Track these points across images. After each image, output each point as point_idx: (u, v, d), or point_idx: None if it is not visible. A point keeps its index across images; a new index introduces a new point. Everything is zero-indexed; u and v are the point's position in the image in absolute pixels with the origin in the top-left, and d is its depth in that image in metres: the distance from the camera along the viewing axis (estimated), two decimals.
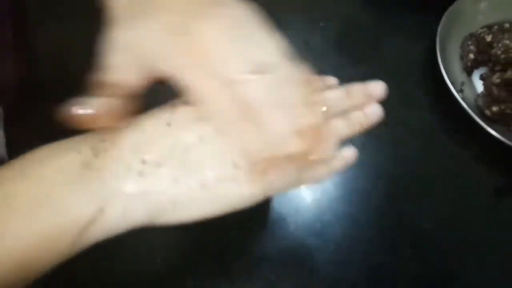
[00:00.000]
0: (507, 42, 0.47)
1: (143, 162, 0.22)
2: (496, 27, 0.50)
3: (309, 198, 0.41)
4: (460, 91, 0.47)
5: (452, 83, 0.44)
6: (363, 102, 0.27)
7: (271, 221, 0.40)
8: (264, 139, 0.22)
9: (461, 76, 0.49)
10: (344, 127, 0.26)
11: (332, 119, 0.25)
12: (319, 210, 0.41)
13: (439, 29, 0.48)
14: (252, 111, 0.21)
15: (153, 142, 0.22)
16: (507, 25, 0.50)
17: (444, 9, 0.49)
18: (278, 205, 0.41)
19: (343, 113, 0.26)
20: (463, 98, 0.44)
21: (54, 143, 0.23)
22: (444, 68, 0.45)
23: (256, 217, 0.40)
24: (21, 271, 0.20)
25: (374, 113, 0.26)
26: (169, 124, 0.23)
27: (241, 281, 0.37)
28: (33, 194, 0.20)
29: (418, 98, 0.48)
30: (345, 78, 0.49)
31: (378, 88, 0.27)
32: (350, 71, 0.49)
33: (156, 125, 0.23)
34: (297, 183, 0.25)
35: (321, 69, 0.49)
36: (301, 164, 0.23)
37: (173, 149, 0.22)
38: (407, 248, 0.40)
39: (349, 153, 0.26)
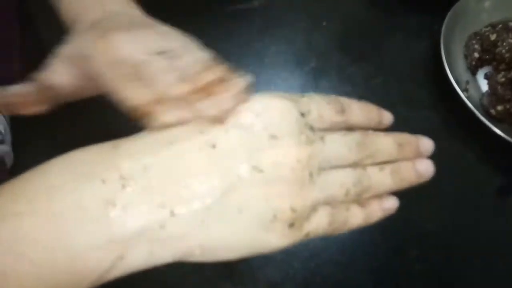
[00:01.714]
0: None
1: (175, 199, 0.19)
2: (500, 25, 0.49)
3: None
4: (464, 90, 0.46)
5: (457, 82, 0.44)
6: (413, 156, 0.25)
7: None
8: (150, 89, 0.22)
9: (465, 75, 0.48)
10: (390, 182, 0.24)
11: (376, 168, 0.23)
12: None
13: (443, 27, 0.47)
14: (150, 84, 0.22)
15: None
16: (511, 23, 0.49)
17: (447, 7, 0.49)
18: None
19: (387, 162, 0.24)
20: (467, 97, 0.44)
21: (73, 157, 0.20)
22: (449, 67, 0.45)
23: None
24: None
25: (427, 170, 0.25)
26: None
27: (245, 282, 0.37)
28: (44, 236, 0.17)
29: (422, 98, 0.48)
30: (348, 77, 0.50)
31: (428, 145, 0.25)
32: (353, 70, 0.49)
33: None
34: (331, 233, 0.23)
35: (324, 68, 0.49)
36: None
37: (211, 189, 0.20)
38: (411, 249, 0.39)
39: (390, 205, 0.24)
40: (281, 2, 0.53)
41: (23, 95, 0.26)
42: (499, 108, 0.44)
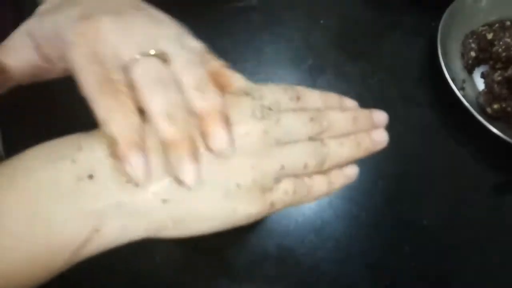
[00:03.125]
0: (508, 40, 0.47)
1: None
2: (497, 25, 0.50)
3: None
4: (461, 88, 0.47)
5: (453, 81, 0.44)
6: (368, 128, 0.26)
7: (271, 218, 0.40)
8: (131, 121, 0.20)
9: (462, 74, 0.48)
10: (347, 150, 0.25)
11: (331, 140, 0.24)
12: (319, 207, 0.41)
13: (440, 26, 0.48)
14: (135, 92, 0.20)
15: None
16: (508, 23, 0.50)
17: (444, 6, 0.49)
18: None
19: (346, 135, 0.25)
20: (464, 96, 0.44)
21: (47, 144, 0.21)
22: (445, 65, 0.45)
23: None
24: None
25: (381, 139, 0.26)
26: None
27: (241, 278, 0.37)
28: (23, 211, 0.19)
29: (418, 96, 0.48)
30: (345, 75, 0.50)
31: (382, 117, 0.27)
32: (350, 68, 0.49)
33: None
34: (297, 202, 0.24)
35: (321, 66, 0.49)
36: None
37: None
38: (406, 246, 0.40)
39: (351, 171, 0.26)
40: (279, 0, 0.53)
41: None
42: (495, 106, 0.45)
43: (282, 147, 0.22)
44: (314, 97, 0.25)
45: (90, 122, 0.22)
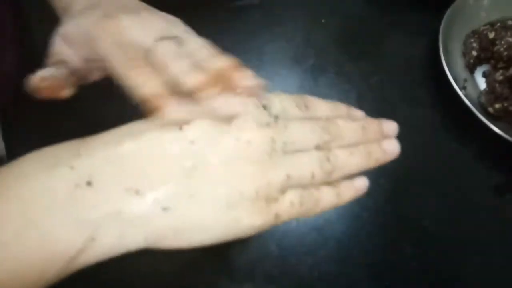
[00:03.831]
0: (510, 39, 0.47)
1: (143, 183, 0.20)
2: (499, 24, 0.49)
3: None
4: (463, 88, 0.46)
5: (455, 80, 0.44)
6: (378, 138, 0.26)
7: None
8: (164, 79, 0.22)
9: (463, 73, 0.48)
10: (356, 161, 0.24)
11: (339, 149, 0.24)
12: None
13: (441, 25, 0.47)
14: (161, 69, 0.23)
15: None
16: (510, 22, 0.50)
17: (445, 6, 0.49)
18: None
19: (355, 145, 0.25)
20: (465, 95, 0.44)
21: (45, 150, 0.21)
22: (447, 65, 0.45)
23: None
24: None
25: (393, 149, 0.26)
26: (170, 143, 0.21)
27: (242, 277, 0.37)
28: (17, 219, 0.18)
29: (420, 95, 0.48)
30: (346, 74, 0.50)
31: (392, 126, 0.27)
32: (351, 68, 0.49)
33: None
34: (304, 215, 0.23)
35: (322, 65, 0.49)
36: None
37: (177, 171, 0.20)
38: (408, 246, 0.40)
39: (361, 183, 0.25)
40: None
41: (58, 78, 0.26)
42: (497, 106, 0.45)
43: (288, 156, 0.22)
44: (322, 106, 0.25)
45: (93, 122, 0.22)
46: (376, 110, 0.45)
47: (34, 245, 0.18)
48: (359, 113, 0.27)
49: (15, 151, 0.21)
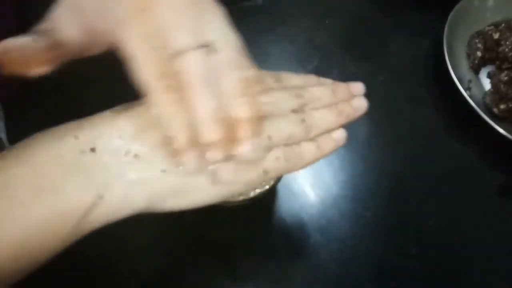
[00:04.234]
0: None
1: (143, 146, 0.22)
2: (503, 24, 0.49)
3: (313, 195, 0.41)
4: (467, 89, 0.46)
5: (459, 81, 0.44)
6: (347, 98, 0.28)
7: (276, 217, 0.40)
8: (185, 121, 0.21)
9: (468, 74, 0.48)
10: (330, 118, 0.26)
11: (313, 110, 0.26)
12: (324, 207, 0.41)
13: (446, 26, 0.47)
14: (183, 86, 0.21)
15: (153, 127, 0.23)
16: None
17: (450, 6, 0.49)
18: (283, 202, 0.41)
19: (328, 105, 0.27)
20: (470, 96, 0.44)
21: (49, 130, 0.22)
22: (451, 65, 0.45)
23: (261, 214, 0.40)
24: (22, 259, 0.20)
25: (361, 105, 0.27)
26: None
27: (246, 277, 0.37)
28: (31, 182, 0.20)
29: (424, 96, 0.48)
30: (350, 75, 0.50)
31: (359, 87, 0.28)
32: (355, 68, 0.49)
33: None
34: (291, 169, 0.25)
35: (326, 66, 0.49)
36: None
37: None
38: (411, 246, 0.40)
39: (339, 135, 0.27)
40: (285, 0, 0.53)
41: (29, 50, 0.22)
42: (502, 106, 0.44)
43: (267, 120, 0.24)
44: (295, 78, 0.28)
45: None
46: (380, 111, 0.45)
47: (49, 205, 0.20)
48: (328, 80, 0.29)
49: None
